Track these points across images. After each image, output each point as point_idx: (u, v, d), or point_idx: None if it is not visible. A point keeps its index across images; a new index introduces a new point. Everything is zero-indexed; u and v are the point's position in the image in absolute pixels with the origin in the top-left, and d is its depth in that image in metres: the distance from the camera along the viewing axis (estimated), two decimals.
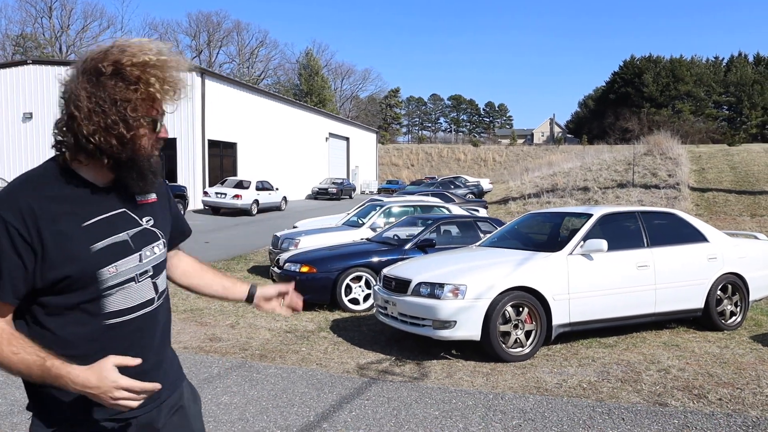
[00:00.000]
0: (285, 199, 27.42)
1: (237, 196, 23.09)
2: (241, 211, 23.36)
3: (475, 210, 15.59)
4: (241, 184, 24.18)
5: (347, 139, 47.67)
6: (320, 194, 36.32)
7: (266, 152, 32.60)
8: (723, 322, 6.61)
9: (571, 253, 5.95)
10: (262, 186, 25.10)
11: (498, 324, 5.43)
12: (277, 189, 26.60)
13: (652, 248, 6.35)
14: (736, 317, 6.72)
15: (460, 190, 28.99)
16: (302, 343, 6.27)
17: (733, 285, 6.71)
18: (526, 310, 5.58)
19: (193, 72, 25.54)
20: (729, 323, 6.65)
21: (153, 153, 1.50)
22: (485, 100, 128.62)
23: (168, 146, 24.14)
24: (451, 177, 39.51)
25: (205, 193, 23.97)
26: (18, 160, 26.70)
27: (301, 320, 7.26)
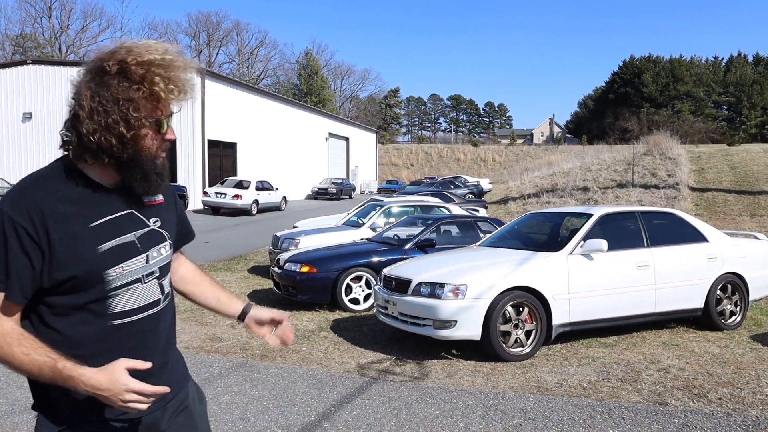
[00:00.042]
0: (285, 199, 27.44)
1: (237, 196, 23.10)
2: (240, 211, 23.36)
3: (475, 210, 15.58)
4: (240, 184, 24.19)
5: (347, 139, 47.68)
6: (320, 194, 36.33)
7: (266, 152, 32.61)
8: (723, 321, 6.63)
9: (571, 253, 5.96)
10: (262, 186, 25.11)
11: (498, 324, 5.44)
12: (276, 189, 26.61)
13: (652, 248, 6.36)
14: (736, 317, 6.73)
15: (460, 190, 28.99)
16: (303, 342, 6.28)
17: (733, 285, 6.73)
18: (526, 309, 5.59)
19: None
20: (729, 323, 6.66)
21: (158, 154, 1.49)
22: (485, 100, 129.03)
23: None
24: (451, 177, 39.50)
25: (205, 193, 23.98)
26: (18, 160, 26.67)
27: (301, 320, 7.27)
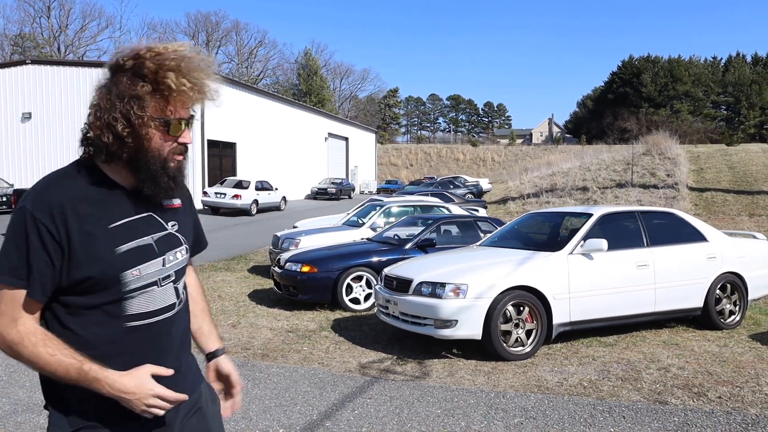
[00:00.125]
0: (284, 199, 27.44)
1: (236, 196, 23.09)
2: (240, 211, 23.36)
3: (475, 210, 15.59)
4: (240, 184, 24.18)
5: (346, 139, 47.68)
6: (319, 194, 36.33)
7: (265, 152, 32.60)
8: (722, 321, 6.65)
9: (571, 253, 5.98)
10: (262, 186, 25.11)
11: (499, 323, 5.46)
12: (276, 189, 26.60)
13: (652, 248, 6.39)
14: (735, 316, 6.76)
15: (460, 190, 29.01)
16: (304, 342, 6.30)
17: (732, 284, 6.75)
18: (526, 309, 5.61)
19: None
20: (728, 322, 6.68)
21: (168, 157, 1.46)
22: (484, 100, 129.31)
23: None
24: (450, 177, 39.49)
25: (205, 193, 23.96)
26: (17, 160, 26.61)
27: (302, 320, 7.29)
